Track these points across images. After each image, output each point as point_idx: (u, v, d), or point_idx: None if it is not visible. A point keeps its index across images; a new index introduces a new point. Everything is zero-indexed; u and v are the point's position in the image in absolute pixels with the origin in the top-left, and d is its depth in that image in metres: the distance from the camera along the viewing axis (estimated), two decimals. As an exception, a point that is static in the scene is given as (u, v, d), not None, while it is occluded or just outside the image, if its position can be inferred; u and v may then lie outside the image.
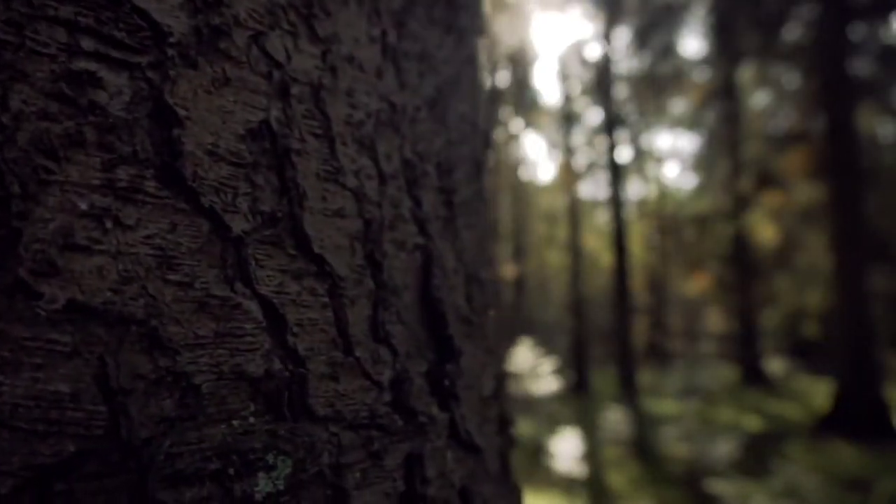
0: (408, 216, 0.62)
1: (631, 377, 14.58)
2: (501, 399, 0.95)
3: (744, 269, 18.93)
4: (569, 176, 19.00)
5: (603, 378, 19.37)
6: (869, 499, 7.53)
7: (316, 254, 0.48)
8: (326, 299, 0.49)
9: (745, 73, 19.26)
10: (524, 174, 30.95)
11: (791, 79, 18.18)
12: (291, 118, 0.49)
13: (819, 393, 15.11)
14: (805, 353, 19.72)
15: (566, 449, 9.54)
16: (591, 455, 10.99)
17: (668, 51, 19.58)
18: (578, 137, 27.38)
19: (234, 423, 0.40)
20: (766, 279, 19.60)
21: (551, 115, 26.51)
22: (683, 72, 20.19)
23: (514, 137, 29.45)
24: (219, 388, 0.40)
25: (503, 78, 25.95)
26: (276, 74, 0.48)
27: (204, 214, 0.41)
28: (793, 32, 15.71)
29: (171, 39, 0.40)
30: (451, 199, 0.75)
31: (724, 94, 18.54)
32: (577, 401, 16.12)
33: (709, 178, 22.82)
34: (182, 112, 0.40)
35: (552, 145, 29.92)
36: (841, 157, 12.43)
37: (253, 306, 0.43)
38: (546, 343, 23.33)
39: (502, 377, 0.95)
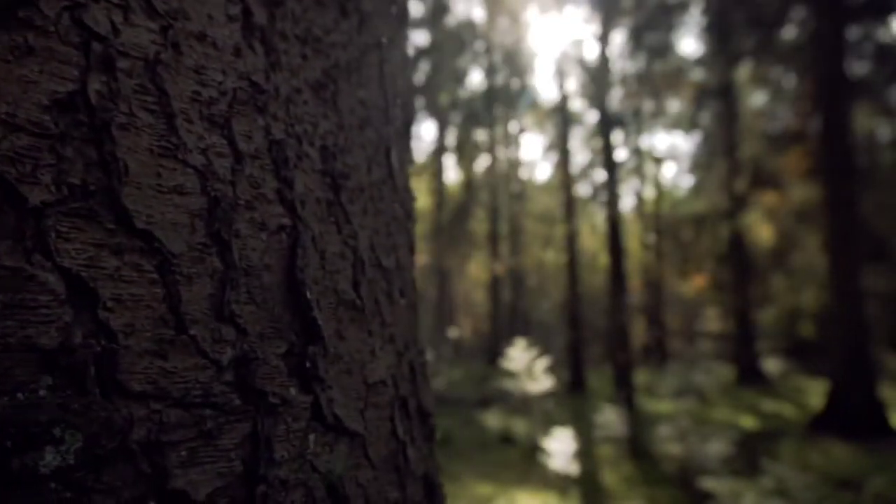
0: (272, 196, 0.61)
1: (627, 376, 14.56)
2: (416, 388, 0.94)
3: (741, 269, 18.93)
4: (566, 176, 18.99)
5: (600, 377, 19.38)
6: (859, 497, 7.52)
7: (140, 229, 0.48)
8: (155, 275, 0.49)
9: (742, 72, 19.24)
10: (522, 174, 30.95)
11: (788, 79, 18.16)
12: (117, 92, 0.48)
13: (815, 392, 15.10)
14: (802, 353, 19.71)
15: (561, 448, 9.52)
16: (586, 454, 10.99)
17: (665, 51, 19.57)
18: (576, 137, 27.37)
19: (20, 395, 0.39)
20: (764, 279, 19.59)
21: (549, 115, 26.52)
22: (680, 72, 20.17)
23: (512, 137, 29.44)
24: (2, 360, 0.39)
25: (501, 78, 25.97)
26: (98, 47, 0.47)
27: (-6, 184, 0.40)
28: (789, 32, 15.71)
29: (-45, 6, 0.40)
30: (338, 182, 0.74)
31: (720, 94, 18.52)
32: (574, 400, 16.12)
33: (706, 178, 22.78)
34: (-33, 79, 0.40)
35: (550, 145, 29.90)
36: (836, 157, 12.42)
37: (52, 278, 0.42)
38: (544, 342, 23.31)
39: (416, 365, 0.94)
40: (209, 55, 0.57)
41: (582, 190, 28.20)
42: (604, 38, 16.55)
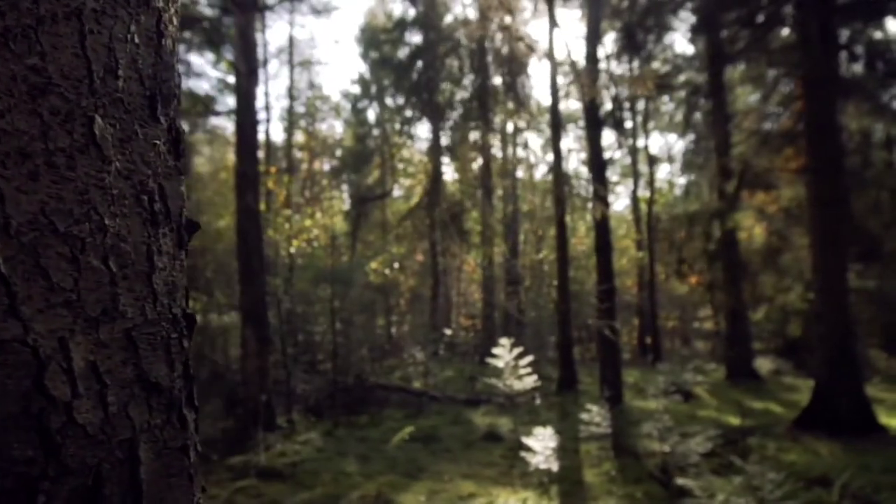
0: None
1: (616, 374, 14.56)
2: (135, 358, 0.94)
3: (733, 268, 18.89)
4: (559, 175, 18.96)
5: (592, 376, 19.37)
6: (828, 493, 7.50)
7: None
8: None
9: (732, 72, 19.20)
10: (517, 173, 30.98)
11: (780, 78, 18.06)
12: None
13: (805, 391, 15.06)
14: (794, 352, 19.66)
15: (542, 445, 9.53)
16: (570, 451, 11.00)
17: (657, 50, 19.54)
18: (569, 137, 27.40)
19: None
20: (756, 278, 19.53)
21: (542, 115, 26.54)
22: (671, 71, 20.14)
23: (506, 137, 29.49)
24: None
25: (496, 78, 26.01)
26: None
27: None
28: (781, 31, 15.66)
29: None
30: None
31: (710, 93, 18.49)
32: (564, 398, 16.12)
33: (698, 177, 22.76)
34: None
35: (544, 144, 29.94)
36: (823, 156, 12.38)
37: None
38: (538, 341, 23.32)
39: (140, 335, 0.95)
40: None
41: (577, 189, 28.20)
42: (593, 38, 16.54)
